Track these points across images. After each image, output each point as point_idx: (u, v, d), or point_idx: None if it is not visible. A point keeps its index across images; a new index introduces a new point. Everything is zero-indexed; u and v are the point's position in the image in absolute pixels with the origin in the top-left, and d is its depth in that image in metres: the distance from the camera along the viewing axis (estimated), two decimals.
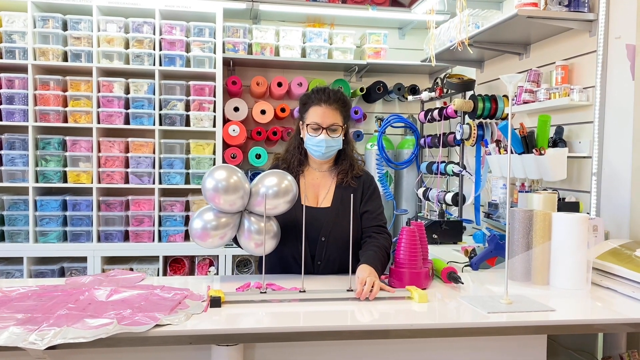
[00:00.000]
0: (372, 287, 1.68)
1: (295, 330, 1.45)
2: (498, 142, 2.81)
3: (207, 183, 1.82)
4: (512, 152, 2.60)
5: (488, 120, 3.16)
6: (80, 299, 1.59)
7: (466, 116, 3.22)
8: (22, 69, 3.39)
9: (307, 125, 2.02)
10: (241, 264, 3.73)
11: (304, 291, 1.68)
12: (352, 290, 1.69)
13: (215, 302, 1.56)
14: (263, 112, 3.84)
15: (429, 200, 3.59)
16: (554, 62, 2.63)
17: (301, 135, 2.09)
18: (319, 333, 1.46)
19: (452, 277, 1.86)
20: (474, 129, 3.11)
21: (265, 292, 1.67)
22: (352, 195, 1.87)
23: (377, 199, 2.13)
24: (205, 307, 1.56)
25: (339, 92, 2.05)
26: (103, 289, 1.69)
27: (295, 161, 2.10)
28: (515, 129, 2.61)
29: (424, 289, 1.79)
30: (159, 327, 1.37)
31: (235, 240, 1.96)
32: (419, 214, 3.55)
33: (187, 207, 3.61)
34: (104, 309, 1.50)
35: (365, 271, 1.76)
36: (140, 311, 1.48)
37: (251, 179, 1.94)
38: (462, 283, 1.84)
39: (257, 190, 1.85)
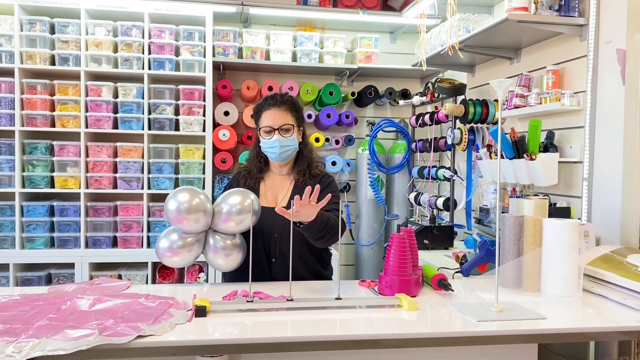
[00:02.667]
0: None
1: (282, 341, 1.42)
2: (489, 146, 2.79)
3: (170, 204, 1.86)
4: (502, 157, 2.59)
5: (479, 125, 3.14)
6: (62, 309, 1.55)
7: (457, 121, 3.20)
8: (9, 73, 3.34)
9: (261, 129, 2.10)
10: None
11: (292, 300, 1.65)
12: (340, 299, 1.66)
13: (201, 312, 1.53)
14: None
15: (421, 205, 3.57)
16: (545, 67, 2.62)
17: (260, 144, 2.15)
18: (306, 343, 1.43)
19: (442, 284, 1.84)
20: (465, 134, 3.09)
21: (252, 301, 1.64)
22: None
23: (333, 196, 2.07)
24: (190, 316, 1.53)
25: (286, 95, 2.15)
26: (86, 298, 1.65)
27: (255, 169, 2.18)
28: (506, 134, 2.59)
29: (414, 296, 1.76)
30: (141, 338, 1.34)
31: None
32: (410, 219, 3.52)
33: None
34: (86, 319, 1.46)
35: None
36: (124, 321, 1.45)
37: None
38: (452, 290, 1.82)
39: (220, 209, 1.90)
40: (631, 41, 2.18)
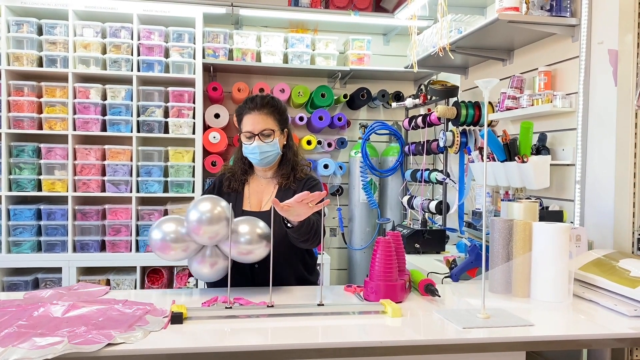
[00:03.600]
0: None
1: (261, 349, 1.37)
2: (481, 149, 2.75)
3: (191, 215, 1.74)
4: (493, 160, 2.55)
5: (471, 127, 3.10)
6: (34, 315, 1.50)
7: (449, 123, 3.16)
8: None
9: (242, 134, 2.05)
10: None
11: (272, 306, 1.60)
12: (322, 305, 1.61)
13: (177, 319, 1.48)
14: None
15: (414, 209, 3.52)
16: (537, 68, 2.58)
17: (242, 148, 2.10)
18: (285, 351, 1.38)
19: (429, 289, 1.79)
20: (457, 136, 3.05)
21: (231, 307, 1.59)
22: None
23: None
24: (165, 323, 1.48)
25: (267, 97, 2.07)
26: (60, 304, 1.60)
27: (239, 171, 2.11)
28: (498, 136, 2.55)
29: (400, 302, 1.71)
30: (111, 346, 1.29)
31: None
32: (402, 223, 3.48)
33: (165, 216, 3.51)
34: (57, 326, 1.41)
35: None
36: (96, 328, 1.40)
37: None
38: (439, 296, 1.76)
39: (236, 233, 1.77)
40: (623, 42, 2.14)
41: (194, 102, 3.50)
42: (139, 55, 3.44)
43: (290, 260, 2.01)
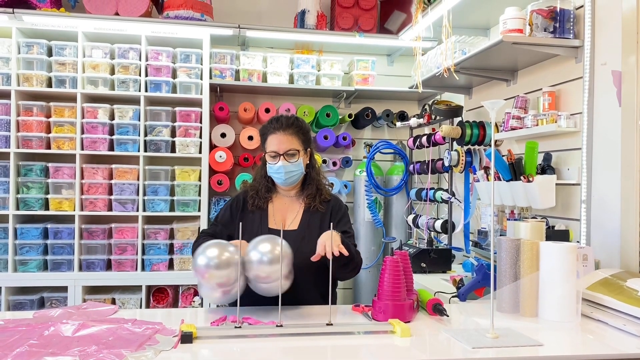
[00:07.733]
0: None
1: None
2: (486, 168, 2.76)
3: (199, 260, 1.74)
4: (499, 179, 2.56)
5: (476, 147, 3.12)
6: (44, 335, 1.51)
7: (454, 142, 3.18)
8: (5, 95, 3.35)
9: (266, 154, 2.07)
10: None
11: (281, 325, 1.60)
12: (331, 324, 1.62)
13: (187, 338, 1.49)
14: (250, 138, 3.80)
15: (419, 228, 3.53)
16: (541, 89, 2.61)
17: (266, 166, 2.12)
18: None
19: (437, 309, 1.79)
20: (462, 156, 3.07)
21: (240, 327, 1.59)
22: (322, 220, 2.03)
23: (348, 223, 2.14)
24: (175, 343, 1.48)
25: (292, 118, 2.09)
26: (70, 323, 1.61)
27: (263, 189, 2.13)
28: (503, 156, 2.57)
29: (408, 321, 1.72)
30: None
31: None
32: (407, 242, 3.48)
33: (171, 235, 3.53)
34: (68, 345, 1.42)
35: (325, 234, 1.79)
36: (107, 348, 1.40)
37: None
38: (448, 315, 1.77)
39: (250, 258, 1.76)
40: (626, 62, 2.16)
41: (200, 122, 3.54)
42: (146, 75, 3.48)
43: (319, 279, 1.98)
